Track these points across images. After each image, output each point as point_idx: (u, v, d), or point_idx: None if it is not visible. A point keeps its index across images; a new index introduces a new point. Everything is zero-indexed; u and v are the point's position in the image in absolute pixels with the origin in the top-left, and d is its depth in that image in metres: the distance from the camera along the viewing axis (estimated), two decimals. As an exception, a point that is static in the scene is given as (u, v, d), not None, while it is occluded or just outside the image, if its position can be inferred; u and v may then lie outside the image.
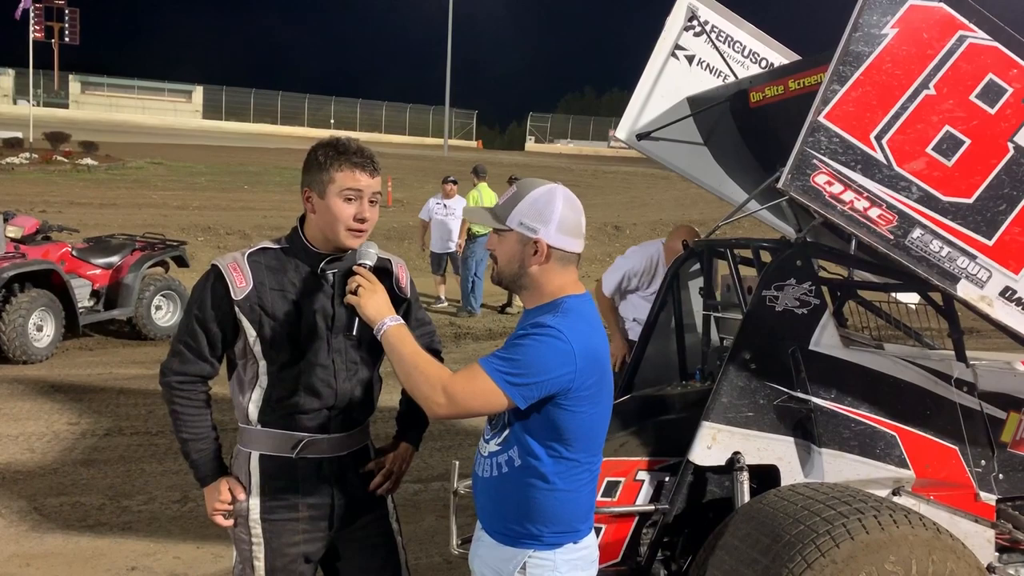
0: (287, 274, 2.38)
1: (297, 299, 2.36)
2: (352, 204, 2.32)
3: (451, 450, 6.20)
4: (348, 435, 2.48)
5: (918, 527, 2.65)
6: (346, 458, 2.49)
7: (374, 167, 2.36)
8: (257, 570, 2.41)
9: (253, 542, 2.41)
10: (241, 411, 2.42)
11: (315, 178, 2.34)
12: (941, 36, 2.82)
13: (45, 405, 6.92)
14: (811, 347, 3.14)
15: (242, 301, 2.32)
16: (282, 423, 2.39)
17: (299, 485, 2.41)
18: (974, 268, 2.93)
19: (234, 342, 2.39)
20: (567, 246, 2.17)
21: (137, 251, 9.47)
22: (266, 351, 2.35)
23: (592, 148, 59.75)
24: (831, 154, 2.81)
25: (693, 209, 23.68)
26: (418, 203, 21.12)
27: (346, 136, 2.41)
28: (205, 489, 2.47)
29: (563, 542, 2.17)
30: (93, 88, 62.57)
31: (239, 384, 2.42)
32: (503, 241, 2.20)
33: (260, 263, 2.37)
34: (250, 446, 2.43)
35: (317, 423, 2.41)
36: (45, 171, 25.01)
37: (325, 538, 2.47)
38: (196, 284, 2.42)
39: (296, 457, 2.40)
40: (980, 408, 3.32)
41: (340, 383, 2.41)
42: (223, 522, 2.46)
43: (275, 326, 2.34)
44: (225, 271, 2.34)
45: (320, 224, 2.36)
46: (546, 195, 2.17)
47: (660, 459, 3.14)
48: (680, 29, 4.22)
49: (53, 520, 4.80)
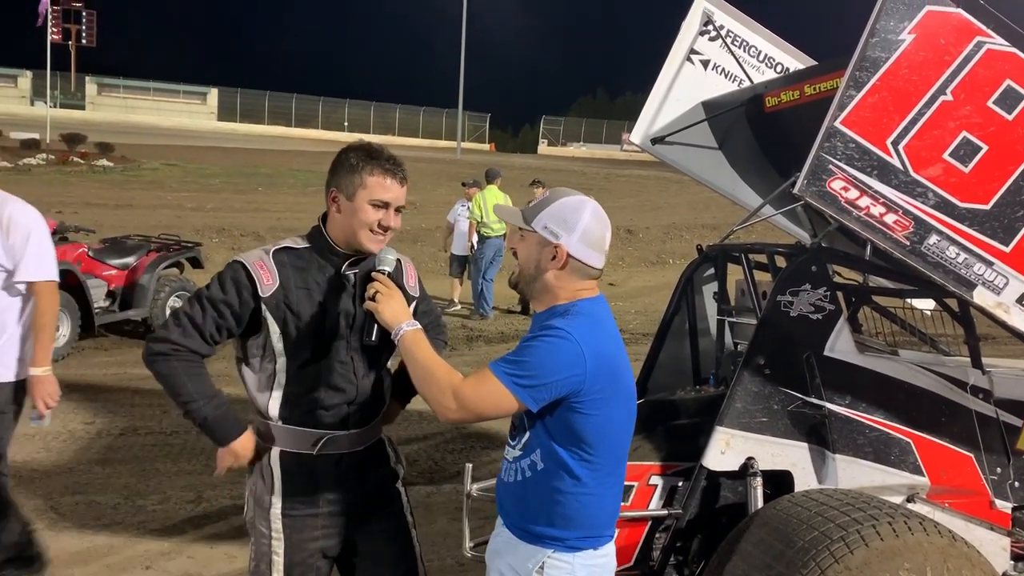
0: (311, 273, 2.41)
1: (321, 298, 2.40)
2: (379, 211, 2.37)
3: (463, 452, 6.21)
4: (365, 430, 2.52)
5: (933, 534, 2.64)
6: (363, 453, 2.52)
7: (404, 176, 2.41)
8: (275, 564, 2.44)
9: (273, 537, 2.44)
10: (262, 409, 2.45)
11: (344, 180, 2.38)
12: (958, 42, 2.81)
13: (61, 404, 6.83)
14: (826, 353, 3.13)
15: (269, 299, 2.35)
16: (303, 420, 2.42)
17: (319, 481, 2.44)
18: (991, 274, 2.92)
19: (247, 336, 2.41)
20: (587, 258, 2.17)
21: (152, 252, 9.51)
22: (289, 348, 2.38)
23: (605, 151, 59.72)
24: (847, 159, 2.80)
25: (706, 213, 23.64)
26: (431, 206, 21.18)
27: (377, 143, 2.46)
28: (234, 444, 2.42)
29: (584, 547, 2.18)
30: (109, 90, 63.04)
31: (257, 382, 2.44)
32: (525, 241, 2.23)
33: (285, 262, 2.41)
34: (270, 442, 2.45)
35: (337, 419, 2.44)
36: (62, 172, 25.21)
37: (343, 533, 2.50)
38: (216, 274, 2.42)
39: (316, 454, 2.42)
40: (996, 415, 3.31)
41: (360, 379, 2.46)
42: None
43: (299, 324, 2.37)
44: (252, 268, 2.37)
45: (343, 225, 2.40)
46: (575, 204, 2.18)
47: (674, 464, 3.14)
48: (695, 33, 4.22)
49: (68, 519, 4.83)
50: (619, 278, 15.80)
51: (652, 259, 18.34)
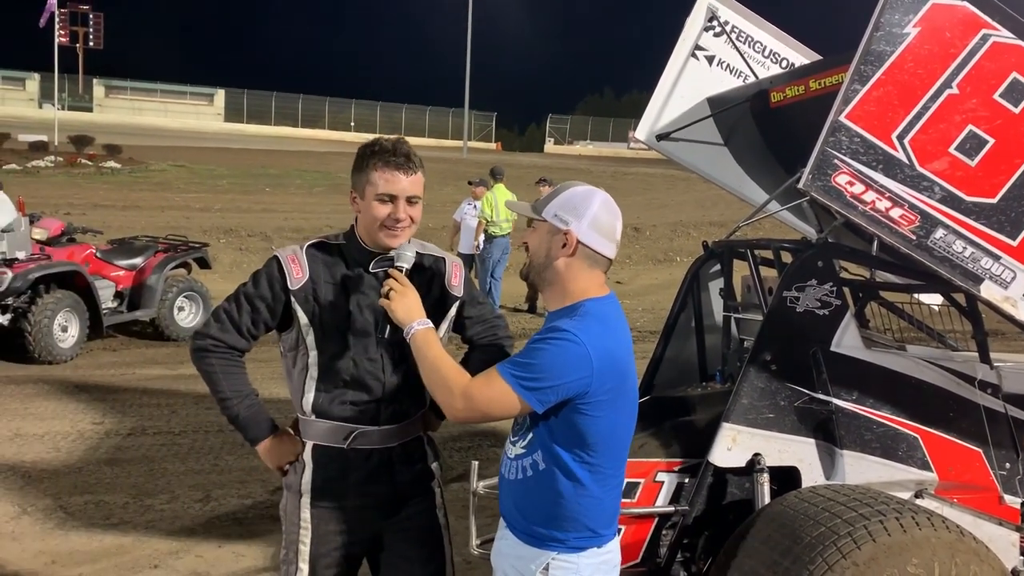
0: (341, 268, 2.45)
1: (349, 293, 2.43)
2: (387, 205, 2.38)
3: (470, 451, 6.21)
4: (398, 427, 2.51)
5: (941, 530, 2.63)
6: (396, 449, 2.52)
7: (410, 166, 2.40)
8: (301, 553, 2.46)
9: (301, 527, 2.47)
10: (298, 402, 2.49)
11: (356, 179, 2.43)
12: (964, 35, 2.80)
13: (70, 405, 7.00)
14: (832, 348, 3.12)
15: (297, 291, 2.40)
16: (334, 414, 2.44)
17: (349, 475, 2.46)
18: (998, 269, 2.90)
19: (282, 330, 2.46)
20: (597, 245, 2.18)
21: (160, 253, 9.55)
22: (318, 342, 2.42)
23: (611, 149, 59.60)
24: (852, 154, 2.79)
25: (713, 210, 23.60)
26: (438, 205, 21.17)
27: (396, 137, 2.46)
28: (265, 443, 2.49)
29: (587, 546, 2.17)
30: (117, 92, 63.29)
31: (293, 376, 2.48)
32: (535, 231, 2.23)
33: (317, 256, 2.45)
34: (306, 436, 2.49)
35: (368, 415, 2.46)
36: (70, 174, 25.33)
37: (372, 527, 2.51)
38: (255, 270, 2.49)
39: (347, 448, 2.44)
40: (1005, 410, 3.29)
41: (388, 376, 2.46)
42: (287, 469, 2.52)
43: (327, 318, 2.41)
44: (284, 262, 2.42)
45: (364, 224, 2.44)
46: (584, 193, 2.20)
47: (680, 460, 3.14)
48: (700, 30, 4.21)
49: (78, 518, 4.85)
50: (626, 276, 15.79)
51: (659, 257, 18.31)
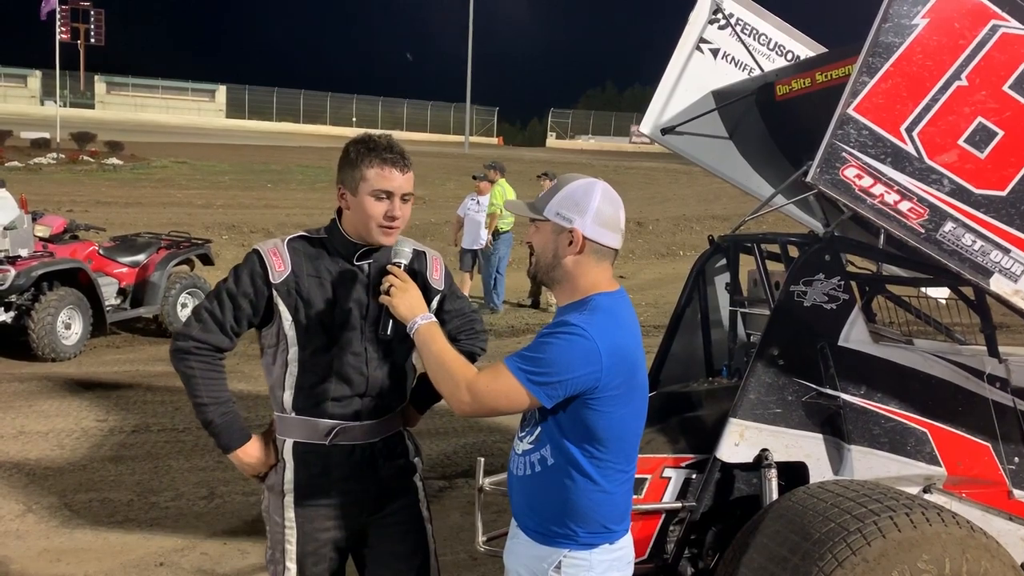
0: (324, 262, 2.42)
1: (333, 288, 2.41)
2: (383, 203, 2.36)
3: (476, 447, 6.20)
4: (380, 422, 2.50)
5: (951, 525, 2.61)
6: (378, 444, 2.51)
7: (404, 164, 2.38)
8: (288, 553, 2.45)
9: (286, 526, 2.45)
10: (277, 400, 2.46)
11: (348, 175, 2.38)
12: (973, 26, 2.77)
13: (74, 402, 7.00)
14: (840, 343, 3.10)
15: (280, 285, 2.37)
16: (315, 410, 2.42)
17: (332, 471, 2.44)
18: (1007, 262, 2.88)
19: (263, 326, 2.43)
20: (602, 239, 2.16)
21: (163, 249, 9.55)
22: (300, 336, 2.39)
23: (614, 144, 59.54)
24: (860, 147, 2.77)
25: (716, 204, 23.57)
26: (440, 200, 21.18)
27: (382, 133, 2.44)
28: (237, 452, 2.46)
29: (599, 542, 2.15)
30: (118, 88, 63.24)
31: (273, 373, 2.45)
32: (539, 231, 2.21)
33: (299, 250, 2.42)
34: (285, 434, 2.46)
35: (349, 410, 2.44)
36: (72, 171, 25.34)
37: (356, 524, 2.50)
38: (235, 266, 2.46)
39: (329, 444, 2.43)
40: (1013, 404, 3.27)
41: (372, 371, 2.45)
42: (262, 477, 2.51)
43: (310, 312, 2.38)
44: (265, 255, 2.39)
45: (354, 220, 2.41)
46: (584, 187, 2.18)
47: (687, 456, 3.12)
48: (704, 22, 4.18)
49: (82, 516, 4.85)
50: (630, 270, 15.77)
51: (662, 251, 18.30)
